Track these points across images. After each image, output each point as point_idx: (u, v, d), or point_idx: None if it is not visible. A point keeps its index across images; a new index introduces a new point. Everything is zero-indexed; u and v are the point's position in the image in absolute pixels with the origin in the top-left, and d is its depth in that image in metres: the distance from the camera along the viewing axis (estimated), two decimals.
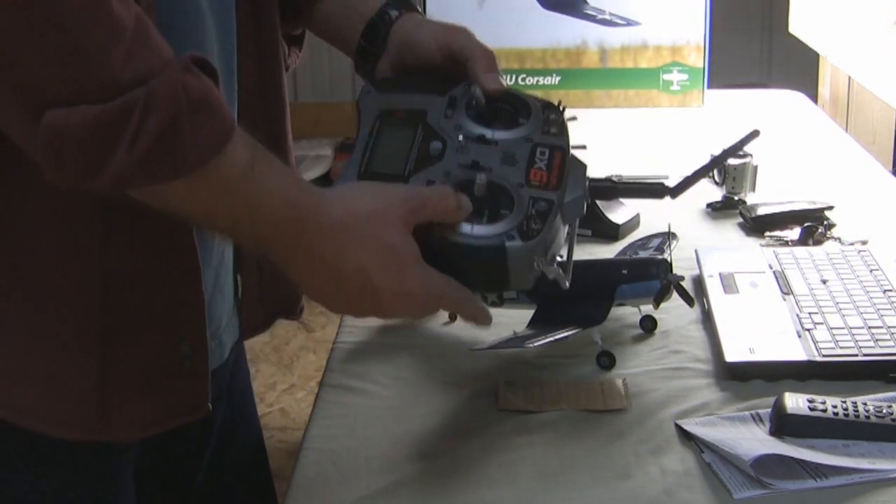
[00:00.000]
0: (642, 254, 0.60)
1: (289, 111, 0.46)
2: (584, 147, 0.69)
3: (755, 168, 0.74)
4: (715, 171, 0.76)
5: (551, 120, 0.40)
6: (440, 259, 0.37)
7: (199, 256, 0.38)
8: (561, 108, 0.41)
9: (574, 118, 0.64)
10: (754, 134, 0.42)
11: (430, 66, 0.44)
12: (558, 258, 0.39)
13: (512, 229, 0.37)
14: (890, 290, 0.56)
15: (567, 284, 0.38)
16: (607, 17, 0.96)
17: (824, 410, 0.44)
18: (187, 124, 0.32)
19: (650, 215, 0.70)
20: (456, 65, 0.43)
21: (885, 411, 0.45)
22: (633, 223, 0.69)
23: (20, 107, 0.32)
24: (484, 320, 0.39)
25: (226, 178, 0.34)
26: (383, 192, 0.38)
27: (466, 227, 0.37)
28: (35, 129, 0.31)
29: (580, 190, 0.39)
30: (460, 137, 0.39)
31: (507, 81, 0.42)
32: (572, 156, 0.40)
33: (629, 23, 0.97)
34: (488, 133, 0.39)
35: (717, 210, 0.73)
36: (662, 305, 0.54)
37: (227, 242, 0.41)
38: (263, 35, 0.44)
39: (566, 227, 0.39)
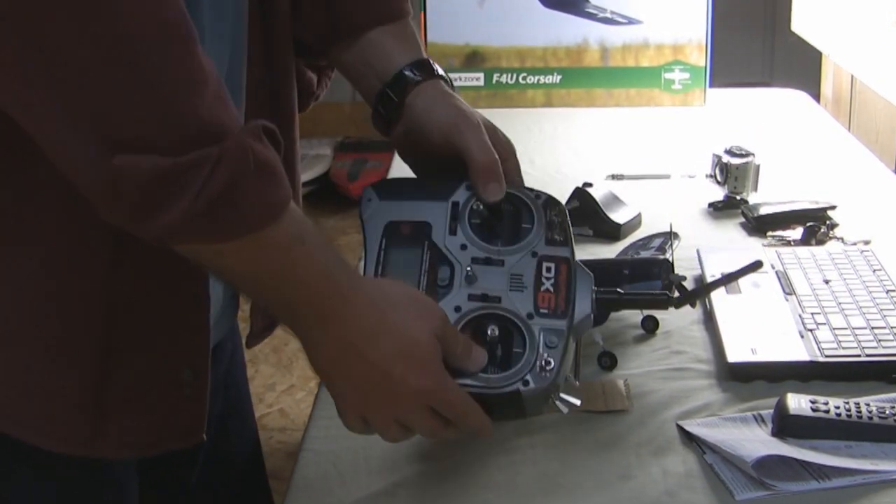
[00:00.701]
0: (644, 254, 0.60)
1: (298, 126, 0.47)
2: (590, 185, 0.68)
3: (757, 167, 0.73)
4: (717, 171, 0.76)
5: (554, 223, 0.40)
6: None
7: (207, 283, 0.39)
8: (562, 204, 0.41)
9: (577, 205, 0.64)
10: (757, 265, 0.42)
11: (435, 155, 0.43)
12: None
13: (526, 374, 0.38)
14: (893, 290, 0.56)
15: (578, 405, 0.40)
16: (608, 15, 0.96)
17: (827, 411, 0.44)
18: (251, 188, 0.33)
19: (652, 215, 0.70)
20: (458, 162, 0.42)
21: (887, 412, 0.44)
22: (635, 223, 0.69)
23: (93, 140, 0.31)
24: (488, 434, 0.39)
25: (277, 244, 0.34)
26: (422, 300, 0.38)
27: (482, 374, 0.38)
28: (101, 166, 0.31)
29: (587, 307, 0.40)
30: (468, 268, 0.39)
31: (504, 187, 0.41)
32: (578, 265, 0.40)
33: (630, 21, 0.97)
34: (494, 253, 0.39)
35: (719, 210, 0.72)
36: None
37: (261, 305, 0.41)
38: (274, 69, 0.44)
39: (574, 344, 0.40)
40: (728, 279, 0.45)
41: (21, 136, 0.33)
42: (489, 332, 0.38)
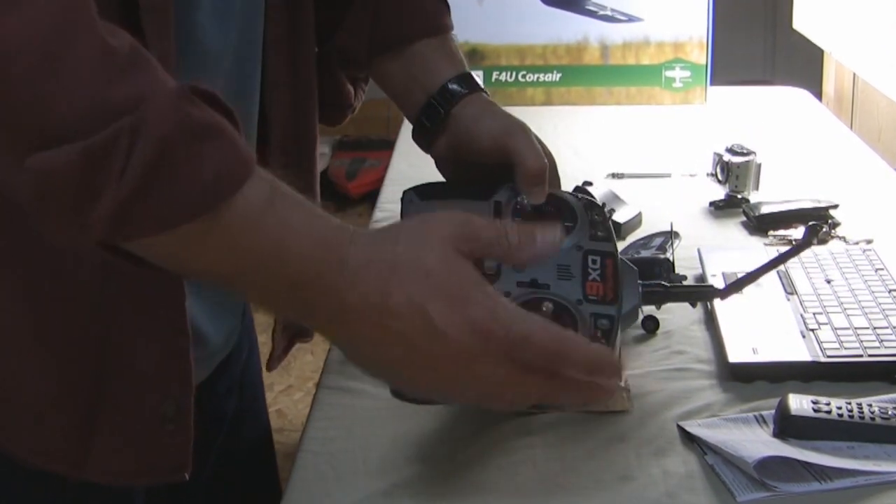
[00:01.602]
0: (644, 253, 0.59)
1: (318, 144, 0.45)
2: (590, 184, 0.67)
3: (758, 166, 0.73)
4: (718, 169, 0.75)
5: (596, 222, 0.40)
6: None
7: (185, 316, 0.35)
8: (604, 207, 0.41)
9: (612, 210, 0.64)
10: (806, 243, 0.41)
11: (483, 160, 0.42)
12: None
13: None
14: (895, 290, 0.56)
15: (628, 400, 0.38)
16: (609, 12, 0.96)
17: (829, 412, 0.44)
18: (185, 156, 0.27)
19: (652, 214, 0.69)
20: (508, 165, 0.42)
21: (890, 413, 0.44)
22: (635, 222, 0.69)
23: (3, 156, 0.27)
24: (613, 373, 0.29)
25: (243, 218, 0.28)
26: (425, 215, 0.31)
27: None
28: (21, 176, 0.27)
29: (635, 298, 0.40)
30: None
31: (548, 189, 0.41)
32: (622, 260, 0.40)
33: (631, 19, 0.96)
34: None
35: (720, 209, 0.72)
36: (664, 305, 0.52)
37: (259, 308, 0.33)
38: (299, 73, 0.43)
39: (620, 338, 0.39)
40: (774, 264, 0.43)
41: None
42: (543, 308, 0.36)
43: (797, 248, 0.43)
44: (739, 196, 0.72)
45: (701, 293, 0.44)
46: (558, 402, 0.31)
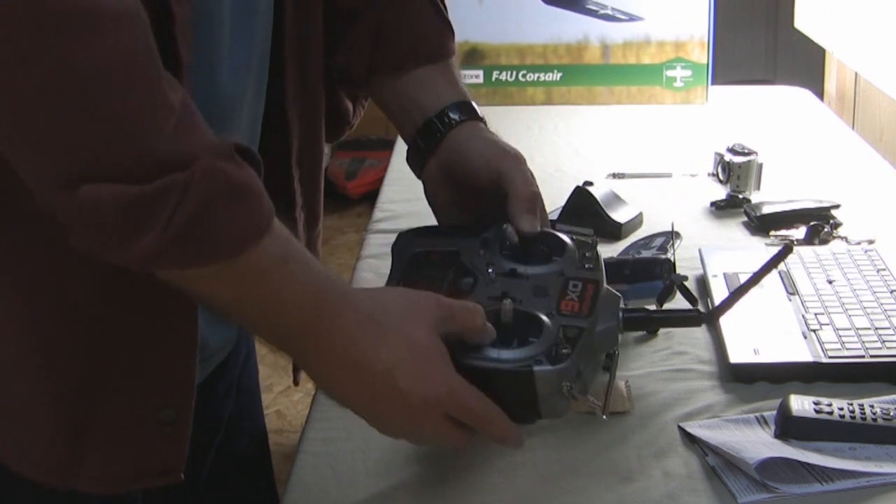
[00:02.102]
0: (645, 253, 0.59)
1: (324, 154, 0.46)
2: (591, 184, 0.67)
3: (760, 166, 0.73)
4: (719, 169, 0.75)
5: (586, 257, 0.40)
6: (470, 381, 0.37)
7: (196, 323, 0.37)
8: (594, 244, 0.40)
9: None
10: (786, 251, 0.40)
11: (475, 183, 0.43)
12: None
13: (540, 354, 0.36)
14: None
15: (605, 417, 0.38)
16: (609, 11, 0.95)
17: (830, 413, 0.44)
18: (225, 211, 0.32)
19: (653, 214, 0.69)
20: (499, 191, 0.42)
21: (892, 414, 0.44)
22: (636, 222, 0.69)
23: (57, 172, 0.31)
24: (516, 443, 0.37)
25: (258, 267, 0.33)
26: (413, 294, 0.37)
27: (493, 352, 0.36)
28: (67, 197, 0.31)
29: (613, 320, 0.39)
30: (490, 270, 0.39)
31: (543, 222, 0.42)
32: (606, 288, 0.39)
33: (632, 18, 0.96)
34: (520, 268, 0.39)
35: (722, 209, 0.72)
36: (666, 306, 0.53)
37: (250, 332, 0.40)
38: (309, 93, 0.44)
39: (600, 358, 0.38)
40: (759, 277, 0.42)
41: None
42: (504, 306, 0.36)
43: (775, 260, 0.41)
44: (741, 196, 0.72)
45: (685, 319, 0.43)
46: (463, 446, 0.37)
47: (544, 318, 0.37)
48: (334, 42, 0.46)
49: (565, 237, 0.41)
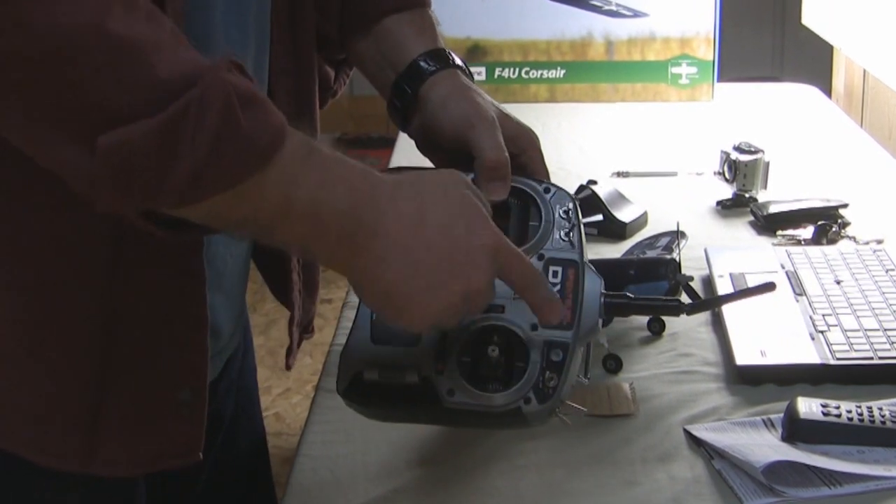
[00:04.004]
0: (650, 253, 0.58)
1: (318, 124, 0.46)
2: (595, 182, 0.66)
3: (767, 164, 0.72)
4: (725, 168, 0.74)
5: (562, 219, 0.39)
6: (459, 418, 0.37)
7: (205, 303, 0.37)
8: (573, 197, 0.40)
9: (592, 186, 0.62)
10: (770, 287, 0.40)
11: (448, 149, 0.42)
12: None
13: (528, 391, 0.36)
14: None
15: (584, 410, 0.38)
16: (614, 7, 0.95)
17: (838, 415, 0.43)
18: (243, 118, 0.31)
19: (658, 213, 0.69)
20: (467, 158, 0.41)
21: None
22: (641, 221, 0.68)
23: (69, 139, 0.31)
24: (556, 315, 0.36)
25: (294, 161, 0.32)
26: (440, 168, 0.37)
27: (484, 396, 0.36)
28: (87, 159, 0.30)
29: (595, 313, 0.38)
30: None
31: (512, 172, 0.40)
32: (587, 266, 0.39)
33: (636, 14, 0.95)
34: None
35: (728, 208, 0.71)
36: None
37: (296, 251, 0.38)
38: (300, 60, 0.43)
39: (581, 351, 0.38)
40: (741, 295, 0.43)
41: (6, 147, 0.32)
42: (490, 352, 0.37)
43: (764, 287, 0.41)
44: (747, 195, 0.71)
45: (666, 308, 0.42)
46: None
47: (528, 338, 0.37)
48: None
49: (538, 191, 0.39)
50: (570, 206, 0.40)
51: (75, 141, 0.31)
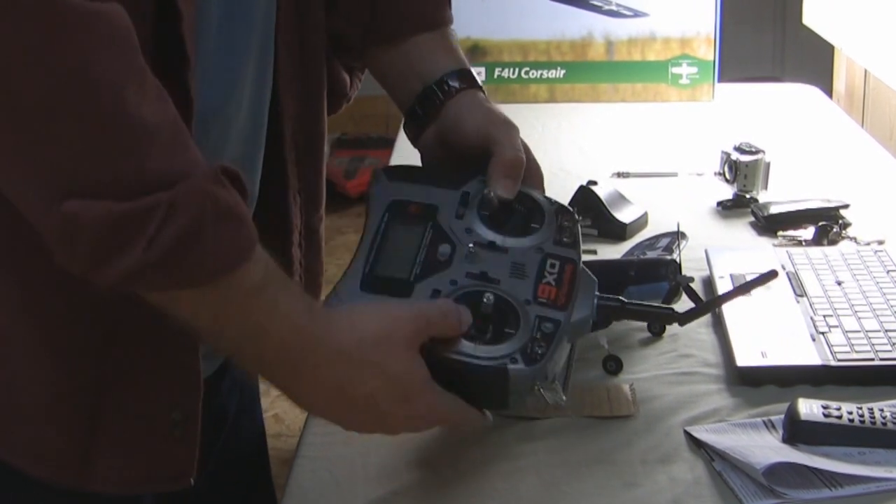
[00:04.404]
0: (650, 254, 0.58)
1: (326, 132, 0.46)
2: (595, 183, 0.67)
3: (767, 165, 0.72)
4: (726, 168, 0.74)
5: (564, 227, 0.40)
6: (441, 374, 0.37)
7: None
8: (576, 215, 0.41)
9: (589, 227, 0.63)
10: (772, 275, 0.41)
11: (467, 146, 0.43)
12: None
13: (515, 352, 0.36)
14: None
15: (563, 401, 0.38)
16: (614, 7, 0.94)
17: (839, 417, 0.43)
18: (209, 234, 0.32)
19: (658, 214, 0.68)
20: (486, 153, 0.42)
21: None
22: (641, 222, 0.68)
23: (39, 190, 0.31)
24: (482, 424, 0.39)
25: (237, 293, 0.33)
26: (388, 315, 0.37)
27: (469, 346, 0.36)
28: (51, 214, 0.31)
29: (587, 309, 0.39)
30: (470, 245, 0.38)
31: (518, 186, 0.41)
32: (583, 269, 0.40)
33: (636, 14, 0.95)
34: (499, 240, 0.39)
35: (728, 209, 0.71)
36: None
37: (229, 357, 0.40)
38: (307, 65, 0.43)
39: (569, 345, 0.39)
40: (739, 291, 0.43)
41: None
42: (484, 300, 0.37)
43: (765, 276, 0.42)
44: (748, 196, 0.71)
45: (659, 315, 0.43)
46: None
47: (521, 308, 0.37)
48: (328, 9, 0.45)
49: (543, 200, 0.41)
50: (571, 218, 0.41)
51: (46, 193, 0.31)
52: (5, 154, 0.31)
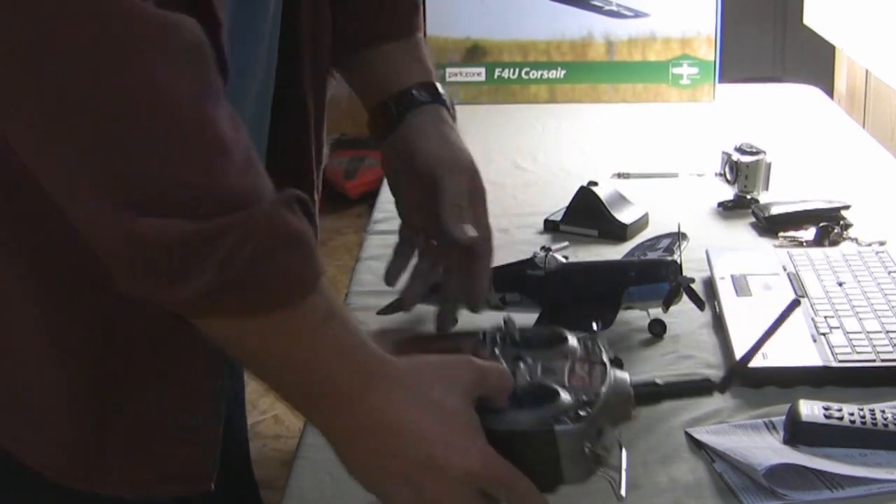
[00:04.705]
0: (651, 255, 0.58)
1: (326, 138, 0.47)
2: (595, 184, 0.67)
3: (768, 165, 0.72)
4: (726, 169, 0.74)
5: (589, 346, 0.40)
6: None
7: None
8: (597, 336, 0.41)
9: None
10: (795, 304, 0.41)
11: (414, 174, 0.44)
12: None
13: (559, 414, 0.36)
14: None
15: (624, 493, 0.37)
16: (614, 7, 0.94)
17: (840, 418, 0.43)
18: (280, 260, 0.31)
19: (659, 215, 0.68)
20: (433, 196, 0.44)
21: None
22: (642, 223, 0.68)
23: (115, 204, 0.30)
24: None
25: (302, 323, 0.32)
26: (448, 359, 0.36)
27: (511, 415, 0.36)
28: (123, 230, 0.30)
29: (625, 394, 0.38)
30: (496, 351, 0.39)
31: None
32: (613, 368, 0.40)
33: (637, 14, 0.95)
34: (525, 355, 0.39)
35: (729, 209, 0.71)
36: (672, 309, 0.52)
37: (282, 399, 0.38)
38: (317, 72, 0.44)
39: (614, 432, 0.38)
40: (766, 336, 0.42)
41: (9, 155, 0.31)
42: (520, 368, 0.37)
43: (789, 308, 0.42)
44: (749, 196, 0.71)
45: (699, 389, 0.43)
46: None
47: (557, 388, 0.37)
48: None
49: (568, 334, 0.41)
50: (594, 337, 0.41)
51: (118, 211, 0.30)
52: (76, 170, 0.30)
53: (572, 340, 0.40)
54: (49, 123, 0.29)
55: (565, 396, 0.36)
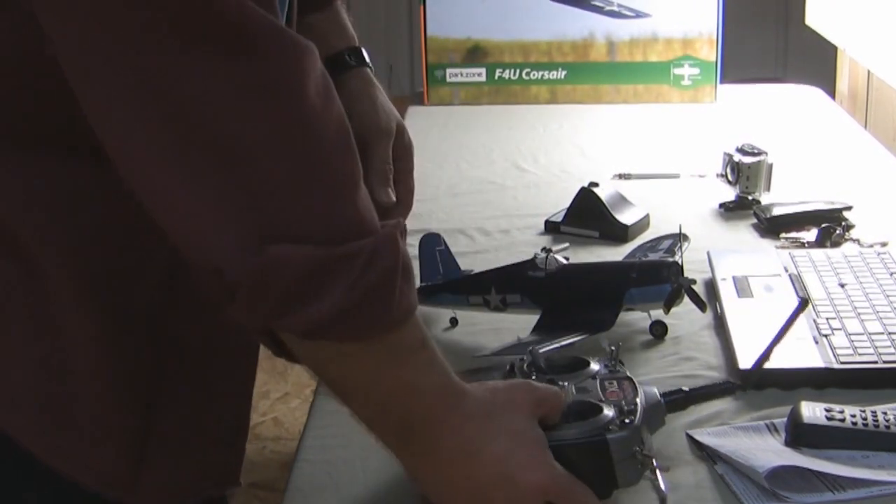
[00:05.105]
0: (652, 256, 0.58)
1: None
2: (596, 185, 0.68)
3: (770, 166, 0.72)
4: (728, 170, 0.74)
5: (611, 365, 0.42)
6: None
7: (257, 358, 0.39)
8: (616, 356, 0.42)
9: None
10: (803, 304, 0.43)
11: None
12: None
13: (609, 422, 0.38)
14: None
15: (665, 490, 0.40)
16: (615, 8, 0.94)
17: (842, 420, 0.43)
18: (397, 286, 0.32)
19: (660, 216, 0.68)
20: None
21: None
22: (643, 224, 0.68)
23: (247, 230, 0.30)
24: None
25: (401, 348, 0.34)
26: (509, 383, 0.38)
27: (562, 430, 0.38)
28: (251, 256, 0.30)
29: (657, 403, 0.42)
30: (534, 377, 0.41)
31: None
32: (641, 384, 0.42)
33: (638, 14, 0.95)
34: (557, 379, 0.41)
35: (731, 210, 0.71)
36: (673, 310, 0.52)
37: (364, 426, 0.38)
38: None
39: (651, 438, 0.40)
40: (775, 343, 0.44)
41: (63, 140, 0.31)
42: (563, 387, 0.39)
43: (798, 310, 0.43)
44: (750, 197, 0.71)
45: (724, 390, 0.45)
46: None
47: (596, 402, 0.39)
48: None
49: (589, 359, 0.43)
50: (613, 356, 0.42)
51: (252, 237, 0.30)
52: (205, 199, 0.30)
53: (594, 363, 0.42)
54: (196, 156, 0.29)
55: (608, 410, 0.38)
